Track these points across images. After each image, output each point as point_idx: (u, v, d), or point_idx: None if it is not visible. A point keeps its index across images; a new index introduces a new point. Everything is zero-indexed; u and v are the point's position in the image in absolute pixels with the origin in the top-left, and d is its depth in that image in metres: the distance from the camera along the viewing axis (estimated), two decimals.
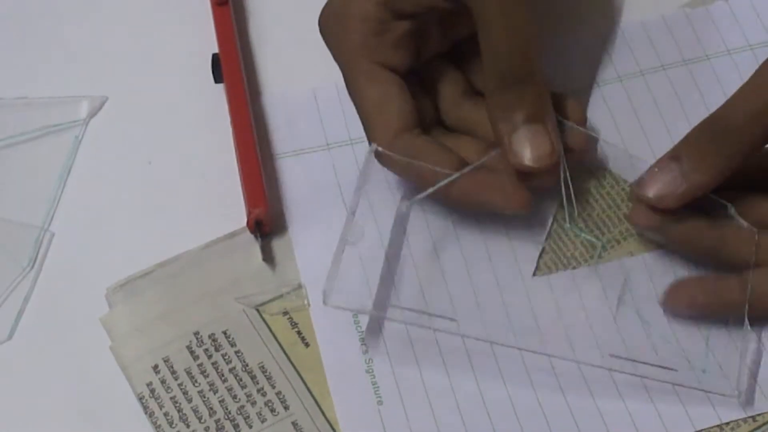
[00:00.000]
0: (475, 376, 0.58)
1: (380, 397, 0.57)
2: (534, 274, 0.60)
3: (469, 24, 0.57)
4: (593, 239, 0.59)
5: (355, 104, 0.59)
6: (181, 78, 0.68)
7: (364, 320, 0.59)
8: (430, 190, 0.57)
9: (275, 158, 0.64)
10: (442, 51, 0.60)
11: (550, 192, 0.60)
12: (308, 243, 0.61)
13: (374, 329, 0.59)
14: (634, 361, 0.57)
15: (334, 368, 0.58)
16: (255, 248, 0.60)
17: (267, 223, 0.60)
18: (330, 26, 0.60)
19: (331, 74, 0.63)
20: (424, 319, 0.57)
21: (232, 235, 0.61)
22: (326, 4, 0.60)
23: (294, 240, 0.61)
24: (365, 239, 0.58)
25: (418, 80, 0.60)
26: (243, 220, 0.61)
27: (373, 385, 0.57)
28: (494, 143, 0.57)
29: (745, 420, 0.56)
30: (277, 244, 0.61)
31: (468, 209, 0.59)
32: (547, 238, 0.61)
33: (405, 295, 0.58)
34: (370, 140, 0.58)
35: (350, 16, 0.58)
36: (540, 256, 0.60)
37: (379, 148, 0.57)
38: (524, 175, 0.56)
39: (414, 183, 0.59)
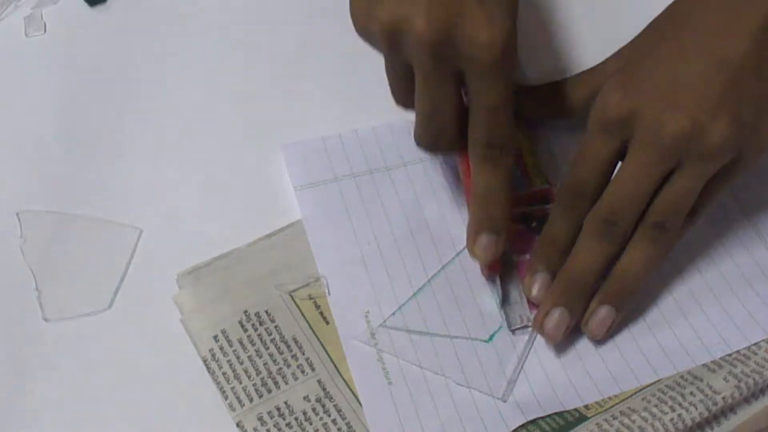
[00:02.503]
0: (457, 354, 0.67)
1: (384, 365, 0.67)
2: None
3: None
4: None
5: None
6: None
7: (368, 303, 0.69)
8: None
9: (295, 189, 0.74)
10: None
11: None
12: (323, 249, 0.72)
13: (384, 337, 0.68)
14: None
15: (346, 336, 0.68)
16: (288, 246, 0.70)
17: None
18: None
19: (336, 127, 0.76)
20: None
21: (269, 235, 0.71)
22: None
23: (313, 248, 0.71)
24: None
25: None
26: (276, 225, 0.72)
27: (375, 347, 0.67)
28: None
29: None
30: (303, 247, 0.71)
31: None
32: None
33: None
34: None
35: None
36: None
37: None
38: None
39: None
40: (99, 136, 0.78)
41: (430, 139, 0.69)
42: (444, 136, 0.68)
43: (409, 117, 0.70)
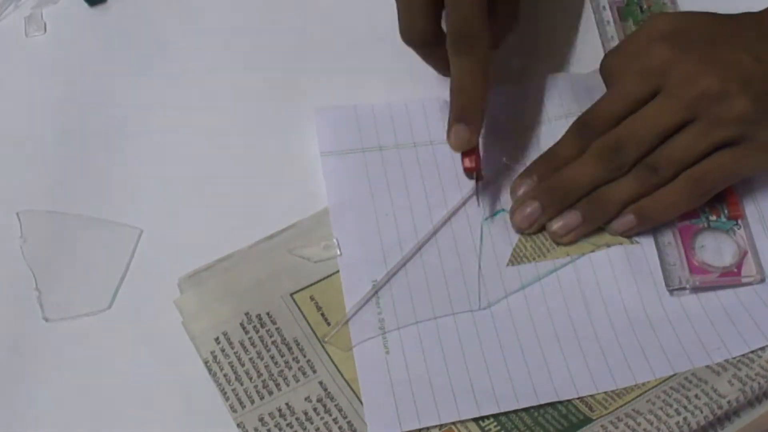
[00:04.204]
0: (457, 328, 0.68)
1: (387, 348, 0.68)
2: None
3: None
4: None
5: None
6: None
7: (377, 272, 0.70)
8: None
9: (321, 155, 0.75)
10: None
11: None
12: (341, 216, 0.72)
13: (388, 299, 0.69)
14: None
15: (350, 302, 0.68)
16: (289, 247, 0.70)
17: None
18: None
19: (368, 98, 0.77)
20: None
21: (270, 237, 0.71)
22: None
23: (332, 214, 0.72)
24: None
25: None
26: (277, 226, 0.71)
27: (383, 338, 0.68)
28: None
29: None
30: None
31: None
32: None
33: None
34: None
35: None
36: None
37: None
38: None
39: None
40: (99, 136, 0.78)
41: (408, 31, 0.72)
42: (418, 26, 0.72)
43: (443, 95, 0.73)
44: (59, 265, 0.72)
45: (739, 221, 0.72)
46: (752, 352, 0.66)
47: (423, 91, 0.76)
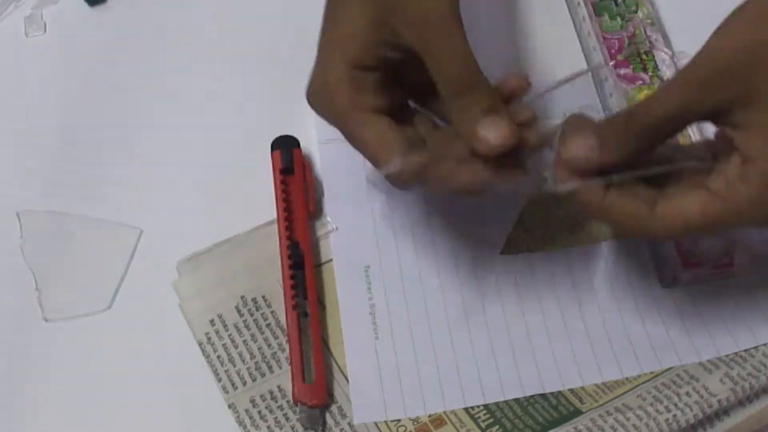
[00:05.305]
0: (447, 317, 0.68)
1: (374, 320, 0.68)
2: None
3: (419, 68, 0.59)
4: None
5: (360, 149, 0.62)
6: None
7: (371, 257, 0.70)
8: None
9: (318, 143, 0.75)
10: (413, 94, 0.64)
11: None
12: (336, 203, 0.72)
13: (378, 280, 0.69)
14: None
15: (342, 287, 0.69)
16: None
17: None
18: (317, 102, 0.63)
19: None
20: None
21: (268, 223, 0.71)
22: (308, 86, 0.63)
23: (326, 201, 0.72)
24: None
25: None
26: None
27: (373, 324, 0.68)
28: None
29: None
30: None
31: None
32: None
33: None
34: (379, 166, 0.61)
35: (329, 86, 0.61)
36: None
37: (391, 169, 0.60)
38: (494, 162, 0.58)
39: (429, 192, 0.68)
40: (99, 136, 0.77)
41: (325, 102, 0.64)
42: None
43: None
44: (59, 265, 0.72)
45: None
46: (745, 351, 0.65)
47: None
